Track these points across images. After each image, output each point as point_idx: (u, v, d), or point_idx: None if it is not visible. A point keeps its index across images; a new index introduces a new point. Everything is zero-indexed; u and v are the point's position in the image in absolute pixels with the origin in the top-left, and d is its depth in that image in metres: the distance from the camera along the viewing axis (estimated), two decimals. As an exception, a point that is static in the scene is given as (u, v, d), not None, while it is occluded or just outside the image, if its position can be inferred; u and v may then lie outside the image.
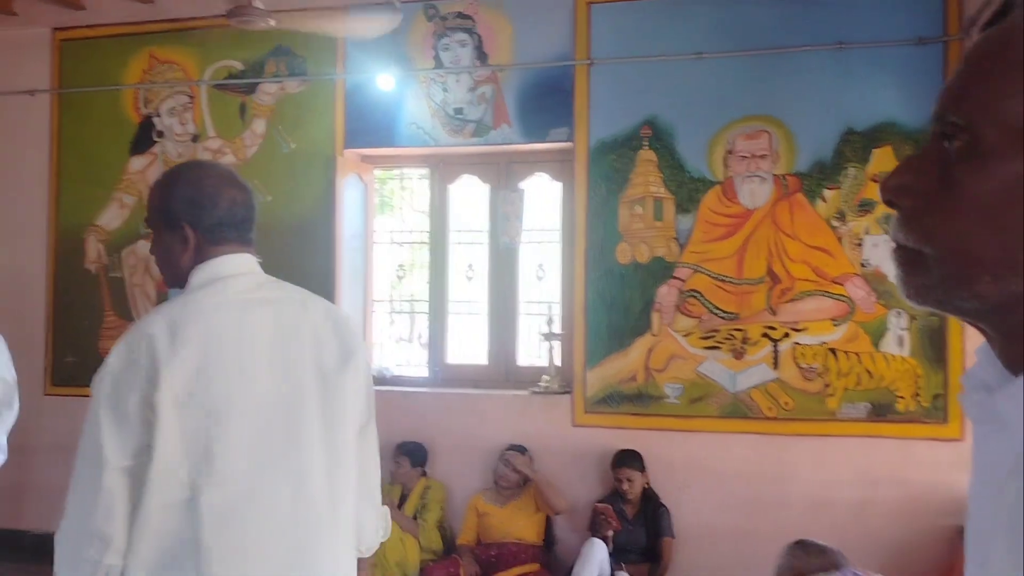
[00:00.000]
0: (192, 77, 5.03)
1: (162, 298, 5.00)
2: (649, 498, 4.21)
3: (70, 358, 5.05)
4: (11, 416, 3.25)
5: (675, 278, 4.36)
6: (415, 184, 5.50)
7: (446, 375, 4.93)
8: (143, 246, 5.05)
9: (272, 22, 3.97)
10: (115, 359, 1.42)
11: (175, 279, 1.59)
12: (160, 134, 5.07)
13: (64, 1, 4.80)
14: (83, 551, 1.37)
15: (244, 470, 1.44)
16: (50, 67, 5.23)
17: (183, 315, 1.45)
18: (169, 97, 5.06)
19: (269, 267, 1.65)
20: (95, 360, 4.96)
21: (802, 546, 2.69)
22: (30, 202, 5.21)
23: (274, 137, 4.92)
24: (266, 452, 1.47)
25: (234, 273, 1.55)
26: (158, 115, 5.07)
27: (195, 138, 5.03)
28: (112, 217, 5.11)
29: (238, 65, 4.96)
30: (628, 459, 4.22)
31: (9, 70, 5.26)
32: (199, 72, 5.02)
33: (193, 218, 1.53)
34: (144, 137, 5.09)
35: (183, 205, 1.54)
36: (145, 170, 5.07)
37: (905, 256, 0.64)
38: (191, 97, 5.03)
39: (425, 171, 5.07)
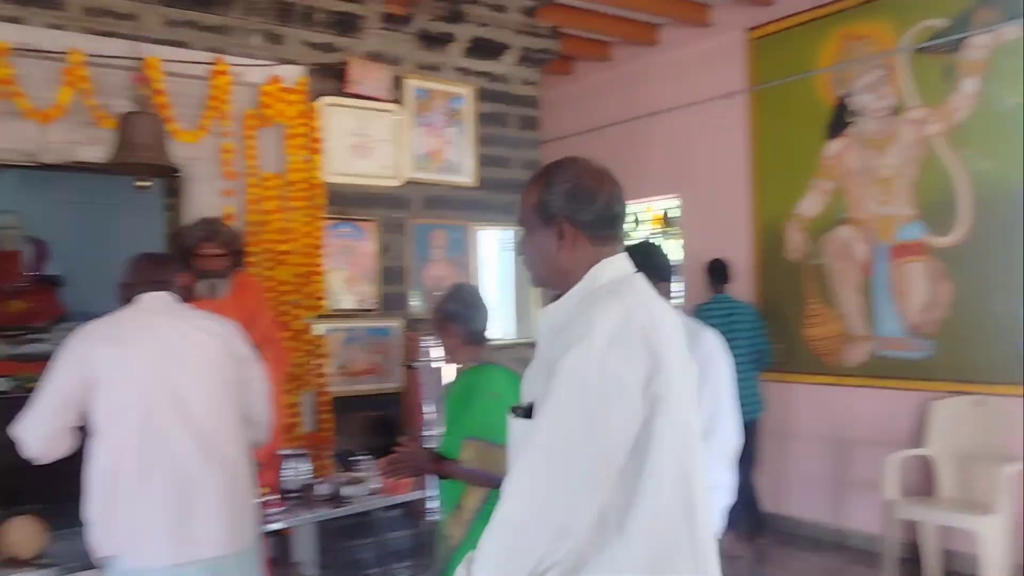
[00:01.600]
0: (887, 47, 4.70)
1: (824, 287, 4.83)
2: None
3: (778, 344, 5.20)
4: (718, 444, 2.32)
5: None
6: None
7: None
8: (844, 231, 4.95)
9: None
10: (603, 343, 1.32)
11: (552, 279, 1.50)
12: (854, 113, 4.88)
13: (755, 0, 4.95)
14: (537, 543, 1.32)
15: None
16: (744, 67, 5.49)
17: (634, 308, 1.39)
18: (864, 73, 4.83)
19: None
20: (800, 347, 5.09)
21: None
22: (733, 198, 5.55)
23: (989, 96, 4.30)
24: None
25: (629, 271, 1.50)
26: (852, 95, 4.89)
27: (894, 111, 4.71)
28: (811, 204, 5.11)
29: (941, 23, 4.47)
30: None
31: (707, 77, 5.69)
32: (895, 40, 4.67)
33: (572, 212, 1.46)
34: (838, 120, 4.97)
35: (562, 199, 1.46)
36: (842, 153, 4.95)
37: None
38: (888, 68, 4.72)
39: None
